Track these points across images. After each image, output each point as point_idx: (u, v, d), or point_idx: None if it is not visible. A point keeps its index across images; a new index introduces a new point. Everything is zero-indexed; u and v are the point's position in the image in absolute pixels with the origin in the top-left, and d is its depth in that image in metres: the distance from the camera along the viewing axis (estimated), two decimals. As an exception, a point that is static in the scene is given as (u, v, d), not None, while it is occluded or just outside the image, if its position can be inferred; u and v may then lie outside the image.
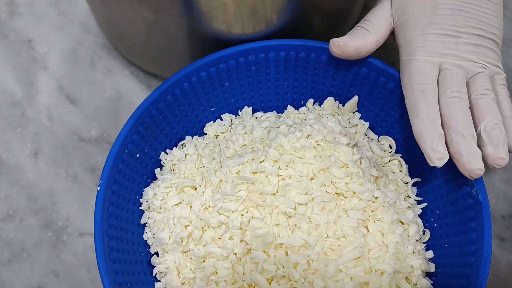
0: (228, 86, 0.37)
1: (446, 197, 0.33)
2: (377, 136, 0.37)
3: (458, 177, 0.32)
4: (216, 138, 0.37)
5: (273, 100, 0.38)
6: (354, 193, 0.32)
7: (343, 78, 0.36)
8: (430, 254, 0.33)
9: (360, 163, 0.33)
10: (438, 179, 0.34)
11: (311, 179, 0.32)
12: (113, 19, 0.39)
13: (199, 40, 0.36)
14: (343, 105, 0.37)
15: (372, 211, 0.32)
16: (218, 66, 0.35)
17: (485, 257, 0.29)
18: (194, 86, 0.35)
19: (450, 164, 0.29)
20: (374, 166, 0.34)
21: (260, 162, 0.33)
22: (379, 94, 0.36)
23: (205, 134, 0.38)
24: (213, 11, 0.33)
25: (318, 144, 0.33)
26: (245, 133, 0.36)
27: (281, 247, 0.31)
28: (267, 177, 0.32)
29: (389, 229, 0.32)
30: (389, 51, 0.45)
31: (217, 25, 0.35)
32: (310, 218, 0.31)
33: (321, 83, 0.37)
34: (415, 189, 0.35)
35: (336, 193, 0.32)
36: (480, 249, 0.29)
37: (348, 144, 0.33)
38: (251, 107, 0.38)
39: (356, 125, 0.37)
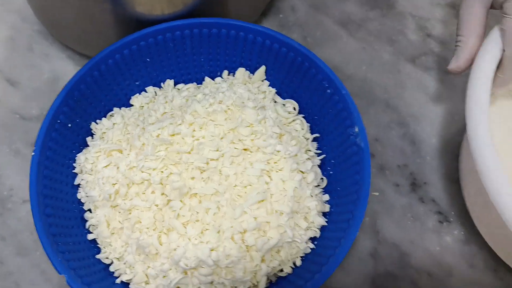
0: (149, 61, 0.41)
1: (339, 148, 0.39)
2: (282, 100, 0.42)
3: (347, 128, 0.37)
4: (142, 108, 0.42)
5: (192, 73, 0.43)
6: (259, 148, 0.37)
7: (251, 50, 0.41)
8: (326, 197, 0.39)
9: (265, 122, 0.38)
10: (333, 133, 0.39)
11: (222, 138, 0.37)
12: (46, 6, 0.43)
13: (122, 22, 0.41)
14: (253, 74, 0.42)
15: (275, 162, 0.37)
16: (139, 44, 0.40)
17: (364, 194, 0.35)
18: (118, 62, 0.40)
19: (340, 120, 0.35)
20: (277, 126, 0.39)
21: (177, 125, 0.37)
22: (283, 63, 0.41)
23: (132, 105, 0.42)
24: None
25: (228, 108, 0.39)
26: (166, 102, 0.41)
27: (195, 196, 0.36)
28: (183, 138, 0.37)
29: (289, 177, 0.37)
30: (301, 25, 0.50)
31: (137, 7, 0.39)
32: (220, 171, 0.36)
33: (233, 55, 0.42)
34: (315, 144, 0.41)
35: (244, 149, 0.37)
36: (361, 188, 0.35)
37: (255, 107, 0.39)
38: (172, 80, 0.43)
39: (265, 91, 0.42)
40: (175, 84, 0.43)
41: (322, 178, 0.39)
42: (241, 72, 0.42)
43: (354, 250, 0.41)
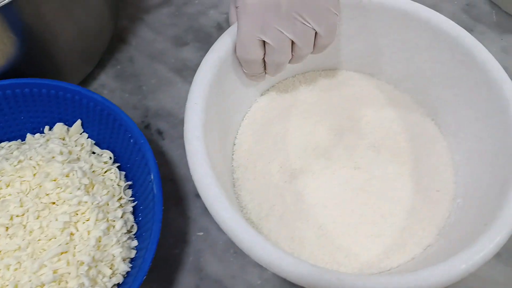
0: (-33, 122, 0.42)
1: (143, 194, 0.41)
2: (101, 150, 0.44)
3: (147, 176, 0.39)
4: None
5: (15, 131, 0.44)
6: (64, 201, 0.39)
7: (65, 106, 0.43)
8: (135, 243, 0.40)
9: (73, 175, 0.40)
10: (140, 180, 0.41)
11: (27, 194, 0.39)
12: None
13: None
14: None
15: (82, 213, 0.39)
16: None
17: (153, 241, 0.37)
18: None
19: (142, 168, 0.38)
20: (88, 177, 0.40)
21: (-14, 185, 0.39)
22: (95, 117, 0.43)
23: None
24: None
25: (37, 164, 0.40)
26: (-18, 161, 0.42)
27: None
28: (-10, 197, 0.38)
29: (94, 227, 0.38)
30: (137, 75, 0.52)
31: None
32: (25, 226, 0.38)
33: (50, 112, 0.43)
34: (130, 191, 0.42)
35: (51, 203, 0.39)
36: (151, 234, 0.37)
37: (63, 161, 0.40)
38: (-6, 138, 0.44)
39: (83, 143, 0.44)
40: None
41: (133, 225, 0.41)
42: (58, 127, 0.44)
43: (177, 290, 0.43)
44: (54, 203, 0.39)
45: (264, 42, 0.38)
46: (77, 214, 0.39)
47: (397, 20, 0.43)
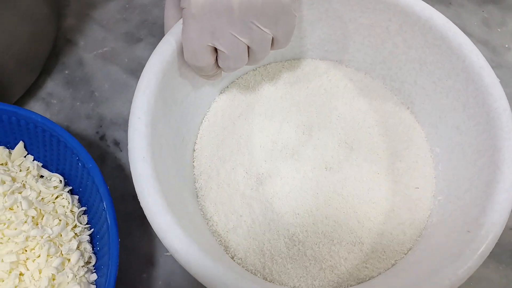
0: None
1: (99, 222, 0.37)
2: (50, 173, 0.40)
3: (100, 203, 0.36)
4: None
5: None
6: (9, 238, 0.35)
7: (3, 128, 0.39)
8: (94, 276, 0.37)
9: (17, 207, 0.36)
10: (94, 206, 0.38)
11: (-34, 234, 0.35)
12: None
13: None
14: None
15: (31, 249, 0.35)
16: None
17: (110, 274, 0.33)
18: None
19: (94, 194, 0.35)
20: (34, 207, 0.37)
21: None
22: (38, 138, 0.39)
23: None
24: None
25: (-25, 199, 0.36)
26: None
27: None
28: None
29: (45, 264, 0.35)
30: (88, 80, 0.48)
31: None
32: (-31, 271, 0.34)
33: (-12, 135, 0.39)
34: (86, 217, 0.39)
35: (-4, 242, 0.35)
36: (110, 266, 0.34)
37: (6, 191, 0.36)
38: None
39: (28, 167, 0.40)
40: None
41: (91, 256, 0.38)
42: (-1, 151, 0.40)
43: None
44: (-2, 241, 0.35)
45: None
46: (25, 251, 0.35)
47: (362, 3, 0.39)
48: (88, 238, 0.38)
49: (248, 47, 0.35)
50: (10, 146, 0.40)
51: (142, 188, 0.32)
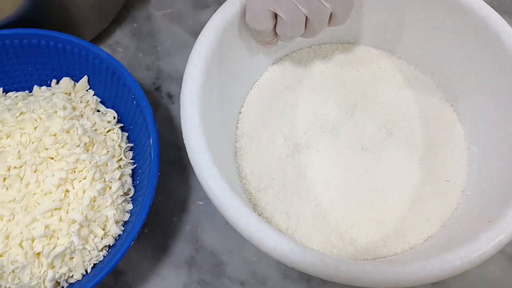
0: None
1: (143, 158, 0.40)
2: (106, 109, 0.43)
3: (147, 140, 0.38)
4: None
5: (22, 82, 0.44)
6: (62, 157, 0.38)
7: (73, 61, 0.42)
8: (130, 206, 0.40)
9: (73, 132, 0.39)
10: (140, 143, 0.41)
11: (26, 147, 0.38)
12: None
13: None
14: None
15: (79, 171, 0.39)
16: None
17: (146, 203, 0.36)
18: None
19: (142, 132, 0.38)
20: (88, 135, 0.40)
21: (-13, 134, 0.39)
22: (101, 74, 0.42)
23: (-39, 112, 0.44)
24: None
25: (39, 117, 0.40)
26: (-12, 109, 0.42)
27: (-6, 203, 0.37)
28: (-10, 147, 0.39)
29: (89, 186, 0.38)
30: (154, 35, 0.51)
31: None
32: (22, 179, 0.38)
33: (58, 65, 0.43)
34: (131, 153, 0.42)
35: (50, 158, 0.39)
36: (146, 196, 0.36)
37: (65, 117, 0.40)
38: (1, 88, 0.44)
39: (88, 100, 0.43)
40: (6, 92, 0.44)
41: (130, 188, 0.40)
42: (65, 81, 0.43)
43: (171, 257, 0.42)
44: (52, 158, 0.39)
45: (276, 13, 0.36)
46: (74, 172, 0.38)
47: (423, -5, 0.40)
48: (130, 172, 0.41)
49: (307, 19, 0.37)
50: (76, 79, 0.44)
51: (187, 127, 0.34)
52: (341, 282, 0.31)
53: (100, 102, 0.44)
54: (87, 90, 0.44)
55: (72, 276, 0.37)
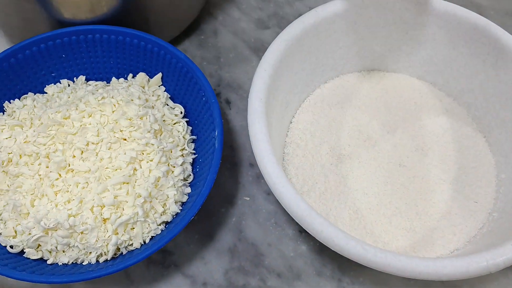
0: (65, 57, 0.48)
1: (205, 148, 0.45)
2: (174, 104, 0.48)
3: (211, 132, 0.43)
4: (53, 96, 0.49)
5: (102, 73, 0.50)
6: (135, 139, 0.43)
7: (151, 58, 0.48)
8: (188, 190, 0.44)
9: (146, 119, 0.45)
10: (204, 136, 0.45)
11: (104, 126, 0.44)
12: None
13: (48, 21, 0.48)
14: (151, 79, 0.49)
15: (147, 154, 0.43)
16: (55, 41, 0.47)
17: (206, 187, 0.41)
18: (34, 54, 0.47)
19: (208, 125, 0.43)
20: (158, 124, 0.45)
21: (71, 111, 0.44)
22: (175, 72, 0.47)
23: (46, 93, 0.49)
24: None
25: (118, 103, 0.45)
26: (72, 92, 0.48)
27: (72, 171, 0.42)
28: (72, 122, 0.44)
29: (155, 167, 0.43)
30: (218, 47, 0.57)
31: (58, 10, 0.47)
32: (97, 154, 0.43)
33: (136, 61, 0.49)
34: (192, 145, 0.47)
35: (123, 138, 0.44)
36: (205, 182, 0.41)
37: (140, 105, 0.45)
38: (84, 76, 0.50)
39: (159, 95, 0.48)
40: (87, 80, 0.50)
41: (190, 174, 0.45)
42: (141, 76, 0.49)
43: (216, 244, 0.46)
44: (125, 139, 0.44)
45: None
46: (143, 154, 0.43)
47: (468, 33, 0.45)
48: (191, 161, 0.46)
49: None
50: (150, 75, 0.49)
51: (253, 119, 0.39)
52: (377, 268, 0.34)
53: (170, 98, 0.49)
54: (159, 86, 0.49)
55: (132, 244, 0.42)
